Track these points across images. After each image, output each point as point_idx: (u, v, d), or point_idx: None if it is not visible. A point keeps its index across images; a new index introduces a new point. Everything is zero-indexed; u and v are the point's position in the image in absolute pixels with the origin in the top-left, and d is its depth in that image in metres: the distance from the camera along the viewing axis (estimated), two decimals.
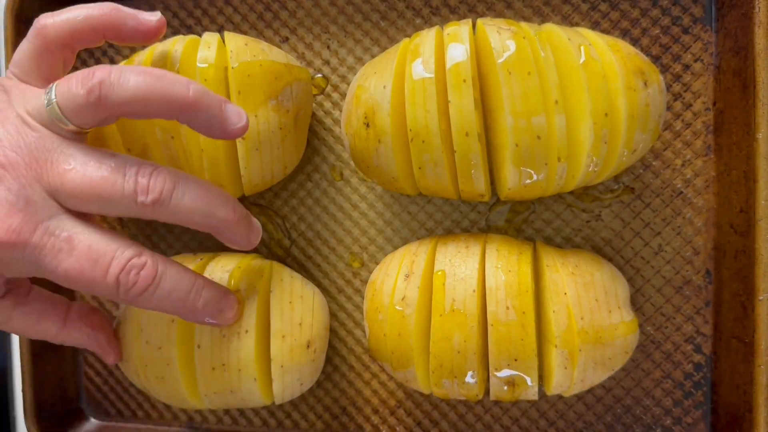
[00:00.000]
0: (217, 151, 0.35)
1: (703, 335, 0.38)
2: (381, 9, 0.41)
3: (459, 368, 0.33)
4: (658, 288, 0.38)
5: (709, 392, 0.38)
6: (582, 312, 0.33)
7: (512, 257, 0.34)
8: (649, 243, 0.38)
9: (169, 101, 0.30)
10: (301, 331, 0.36)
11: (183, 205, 0.31)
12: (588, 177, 0.33)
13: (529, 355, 0.32)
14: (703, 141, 0.37)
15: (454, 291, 0.33)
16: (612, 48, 0.32)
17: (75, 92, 0.29)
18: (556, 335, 0.32)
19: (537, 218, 0.39)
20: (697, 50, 0.37)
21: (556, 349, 0.32)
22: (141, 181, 0.30)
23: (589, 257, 0.35)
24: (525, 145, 0.31)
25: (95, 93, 0.29)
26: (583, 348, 0.32)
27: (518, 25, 0.32)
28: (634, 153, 0.33)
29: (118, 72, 0.30)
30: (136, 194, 0.30)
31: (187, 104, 0.30)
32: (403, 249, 0.37)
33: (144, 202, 0.30)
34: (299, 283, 0.38)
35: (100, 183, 0.29)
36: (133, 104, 0.30)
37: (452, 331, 0.33)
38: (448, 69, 0.31)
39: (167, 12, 0.43)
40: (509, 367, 0.33)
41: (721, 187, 0.37)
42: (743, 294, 0.35)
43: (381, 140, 0.33)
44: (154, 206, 0.30)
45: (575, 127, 0.31)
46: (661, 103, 0.32)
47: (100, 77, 0.29)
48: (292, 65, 0.37)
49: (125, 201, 0.30)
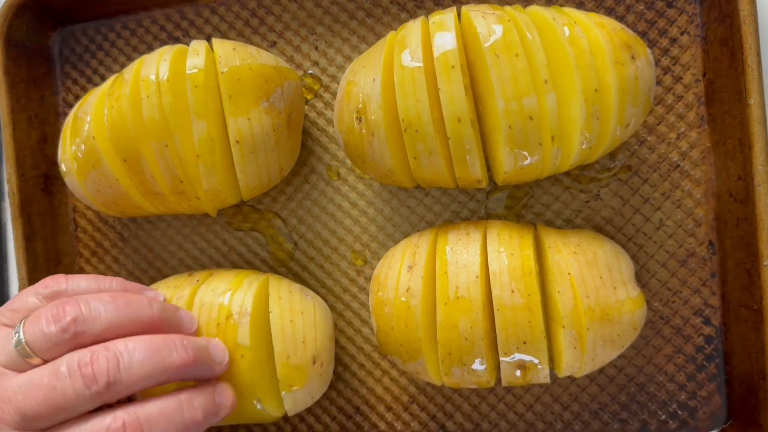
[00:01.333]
0: (213, 157, 0.35)
1: (712, 307, 0.37)
2: (366, 6, 0.41)
3: (467, 355, 0.33)
4: (662, 263, 0.38)
5: (721, 363, 0.37)
6: (587, 291, 0.33)
7: (514, 241, 0.34)
8: (649, 219, 0.38)
9: (139, 325, 0.32)
10: (305, 348, 0.35)
11: (136, 372, 0.30)
12: (583, 155, 0.33)
13: (538, 337, 0.32)
14: (696, 113, 0.37)
15: (458, 278, 0.33)
16: (597, 24, 0.32)
17: (47, 331, 0.30)
18: (563, 315, 0.32)
19: (536, 202, 0.39)
20: (683, 23, 0.37)
21: (564, 329, 0.32)
22: (85, 372, 0.29)
23: (591, 236, 0.35)
24: (518, 127, 0.31)
25: (71, 331, 0.30)
26: (591, 326, 0.32)
27: (503, 9, 0.33)
28: (627, 128, 0.33)
29: (87, 305, 0.31)
30: (88, 388, 0.29)
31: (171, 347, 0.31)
32: (405, 241, 0.37)
33: (99, 390, 0.29)
34: (298, 297, 0.37)
35: (51, 397, 0.29)
36: (108, 333, 0.31)
37: (458, 319, 0.33)
38: (436, 57, 0.31)
39: (154, 25, 0.44)
40: (518, 351, 0.32)
41: (717, 156, 0.37)
42: (748, 261, 0.35)
43: (374, 133, 0.33)
44: (109, 388, 0.29)
45: (566, 106, 0.31)
46: (650, 76, 0.32)
47: (72, 313, 0.30)
48: (281, 67, 0.37)
49: (84, 398, 0.29)
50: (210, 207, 0.38)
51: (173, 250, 0.44)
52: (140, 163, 0.35)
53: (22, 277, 0.43)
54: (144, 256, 0.44)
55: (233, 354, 0.34)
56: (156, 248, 0.44)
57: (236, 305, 0.35)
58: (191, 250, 0.44)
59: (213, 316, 0.35)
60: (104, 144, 0.35)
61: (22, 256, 0.43)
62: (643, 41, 0.33)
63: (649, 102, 0.33)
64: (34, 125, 0.44)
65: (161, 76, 0.34)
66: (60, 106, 0.46)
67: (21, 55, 0.43)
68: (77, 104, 0.39)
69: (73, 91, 0.45)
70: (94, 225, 0.45)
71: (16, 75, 0.43)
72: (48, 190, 0.45)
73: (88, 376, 0.29)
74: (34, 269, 0.43)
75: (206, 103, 0.34)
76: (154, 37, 0.44)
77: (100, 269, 0.45)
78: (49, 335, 0.30)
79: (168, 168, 0.35)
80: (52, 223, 0.45)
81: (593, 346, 0.33)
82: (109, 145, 0.35)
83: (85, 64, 0.45)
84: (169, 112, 0.34)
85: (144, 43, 0.44)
